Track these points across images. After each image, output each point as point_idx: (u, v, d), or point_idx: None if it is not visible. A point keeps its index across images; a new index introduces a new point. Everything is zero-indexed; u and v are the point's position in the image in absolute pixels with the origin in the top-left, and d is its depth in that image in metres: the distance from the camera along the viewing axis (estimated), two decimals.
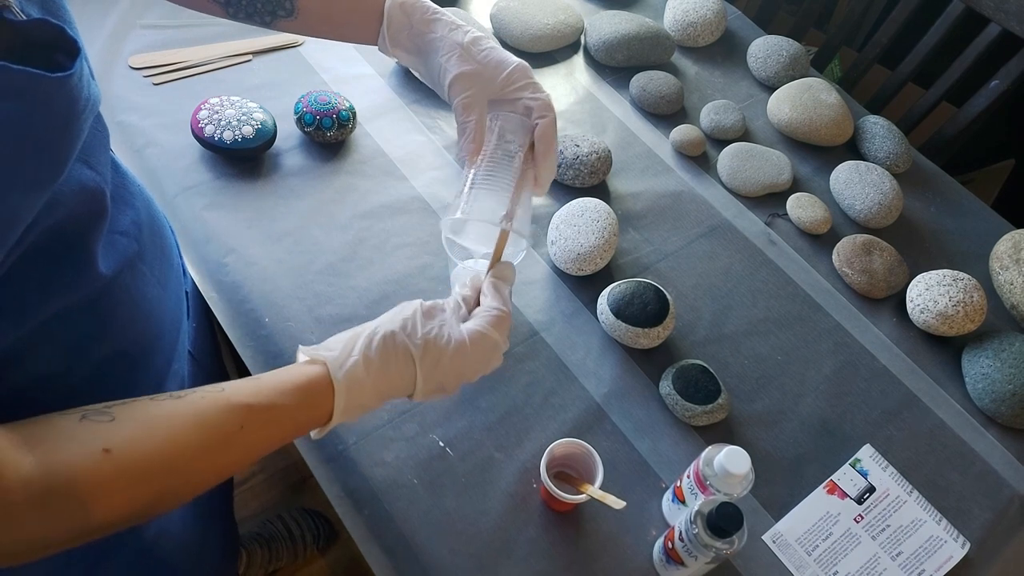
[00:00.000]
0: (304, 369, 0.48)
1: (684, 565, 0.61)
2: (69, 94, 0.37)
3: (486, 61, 0.59)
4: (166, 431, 0.42)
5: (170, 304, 0.59)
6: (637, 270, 0.87)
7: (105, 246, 0.47)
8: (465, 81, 0.58)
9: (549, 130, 0.59)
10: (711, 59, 1.15)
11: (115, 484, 0.39)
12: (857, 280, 0.90)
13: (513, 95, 0.59)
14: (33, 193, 0.36)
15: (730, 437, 0.76)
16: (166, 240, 0.61)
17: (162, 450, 0.41)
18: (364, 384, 0.48)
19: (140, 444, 0.40)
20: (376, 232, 0.84)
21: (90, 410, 0.41)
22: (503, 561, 0.65)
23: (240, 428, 0.44)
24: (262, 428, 0.45)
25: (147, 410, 0.42)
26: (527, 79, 0.59)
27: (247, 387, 0.46)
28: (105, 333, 0.49)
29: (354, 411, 0.49)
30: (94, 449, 0.39)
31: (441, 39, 0.59)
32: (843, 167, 1.00)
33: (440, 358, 0.51)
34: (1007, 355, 0.82)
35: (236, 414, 0.44)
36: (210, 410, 0.43)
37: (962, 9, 1.13)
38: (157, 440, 0.41)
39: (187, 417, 0.43)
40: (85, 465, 0.38)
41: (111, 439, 0.39)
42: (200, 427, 0.43)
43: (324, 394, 0.47)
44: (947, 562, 0.71)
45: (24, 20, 0.35)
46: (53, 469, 0.37)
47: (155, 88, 0.93)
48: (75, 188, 0.41)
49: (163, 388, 0.59)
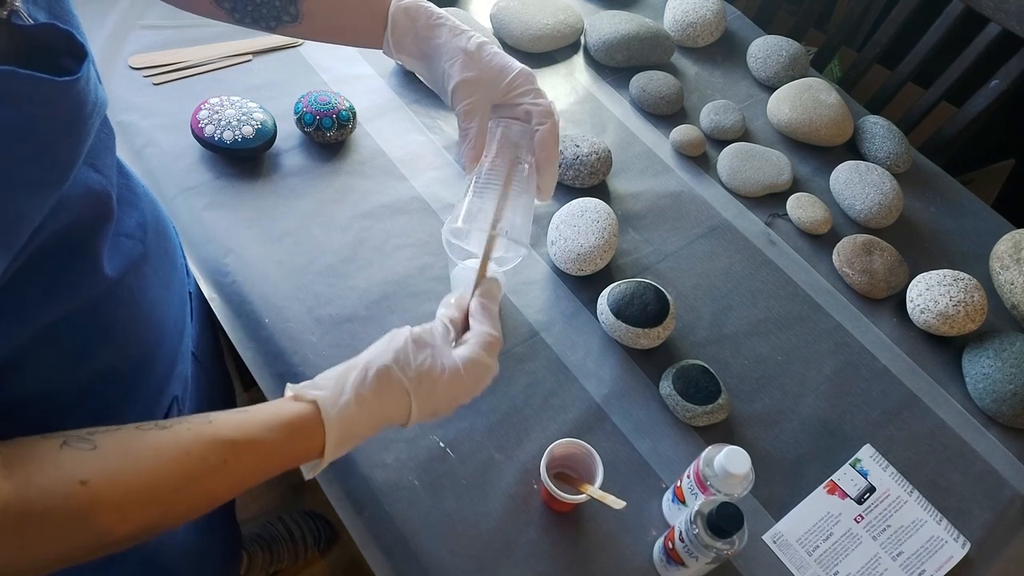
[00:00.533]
0: (293, 405, 0.47)
1: (684, 565, 0.61)
2: (76, 98, 0.37)
3: (489, 67, 0.58)
4: (147, 463, 0.41)
5: (173, 305, 0.59)
6: (637, 270, 0.87)
7: (111, 249, 0.47)
8: (468, 87, 0.58)
9: (549, 136, 0.58)
10: (711, 59, 1.15)
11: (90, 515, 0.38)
12: (857, 280, 0.90)
13: (515, 100, 0.59)
14: (40, 196, 0.36)
15: (730, 437, 0.76)
16: (170, 241, 0.61)
17: (141, 483, 0.40)
18: (358, 420, 0.48)
19: (119, 476, 0.40)
20: (376, 232, 0.84)
21: (72, 436, 0.40)
22: (503, 562, 0.65)
23: (224, 463, 0.43)
24: (246, 463, 0.44)
25: (130, 441, 0.42)
26: (529, 85, 0.59)
27: (233, 420, 0.45)
28: (108, 335, 0.49)
29: (346, 445, 0.48)
30: (71, 479, 0.38)
31: (445, 44, 0.59)
32: (843, 167, 1.00)
33: (434, 388, 0.50)
34: (1008, 355, 0.82)
35: (220, 449, 0.43)
36: (194, 444, 0.43)
37: (962, 9, 1.13)
38: (138, 472, 0.40)
39: (170, 450, 0.42)
40: (61, 493, 0.38)
41: (89, 470, 0.39)
42: (182, 461, 0.42)
43: (314, 430, 0.46)
44: (947, 562, 0.71)
45: (31, 24, 0.35)
46: (29, 496, 0.37)
47: (155, 88, 0.93)
48: (81, 191, 0.41)
49: (167, 390, 0.59)
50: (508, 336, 0.79)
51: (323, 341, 0.75)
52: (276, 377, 0.72)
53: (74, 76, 0.36)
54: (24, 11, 0.35)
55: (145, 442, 0.42)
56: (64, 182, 0.38)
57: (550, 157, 0.59)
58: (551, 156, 0.59)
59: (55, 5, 0.39)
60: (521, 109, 0.59)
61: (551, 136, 0.58)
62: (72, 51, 0.37)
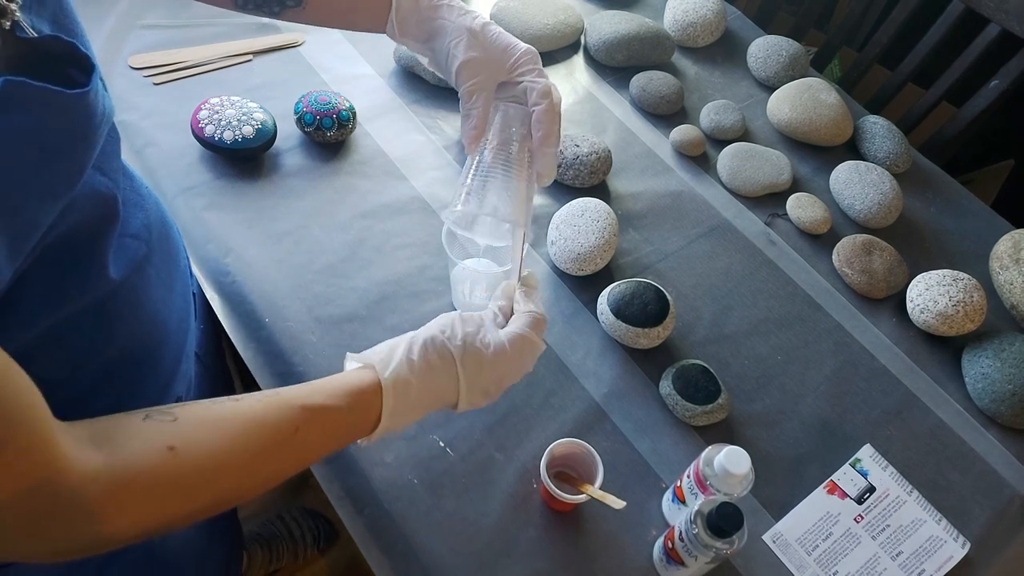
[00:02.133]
0: (353, 374, 0.49)
1: (684, 565, 0.61)
2: (86, 109, 0.37)
3: (494, 46, 0.59)
4: (226, 432, 0.43)
5: (176, 305, 0.59)
6: (637, 270, 0.87)
7: (116, 250, 0.47)
8: (472, 67, 0.58)
9: (546, 116, 0.58)
10: (711, 59, 1.15)
11: (179, 482, 0.40)
12: (857, 280, 0.90)
13: (517, 79, 0.59)
14: (50, 203, 0.37)
15: (730, 437, 0.76)
16: (174, 242, 0.61)
17: (223, 450, 0.42)
18: (410, 385, 0.49)
19: (202, 444, 0.42)
20: (376, 232, 0.84)
21: (153, 411, 0.42)
22: (503, 561, 0.65)
23: (296, 430, 0.45)
24: (315, 430, 0.46)
25: (208, 411, 0.44)
26: (532, 64, 0.59)
27: (301, 390, 0.47)
28: (111, 335, 0.49)
29: (401, 416, 0.50)
30: (159, 447, 0.40)
31: (449, 24, 0.59)
32: (843, 167, 1.00)
33: (482, 361, 0.52)
34: (1007, 355, 0.82)
35: (292, 415, 0.45)
36: (268, 412, 0.45)
37: (962, 9, 1.13)
38: (218, 440, 0.42)
39: (246, 419, 0.44)
40: (151, 462, 0.39)
41: (175, 438, 0.41)
42: (259, 428, 0.44)
43: (373, 397, 0.48)
44: (947, 562, 0.71)
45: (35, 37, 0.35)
46: (120, 465, 0.38)
47: (155, 88, 0.93)
48: (88, 194, 0.41)
49: (171, 390, 0.59)
50: None
51: (323, 341, 0.75)
52: (276, 377, 0.72)
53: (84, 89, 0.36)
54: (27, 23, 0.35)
55: (224, 410, 0.44)
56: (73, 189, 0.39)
57: (547, 137, 0.58)
58: (548, 136, 0.58)
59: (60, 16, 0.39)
60: (521, 87, 0.59)
61: (547, 116, 0.58)
62: (78, 62, 0.38)
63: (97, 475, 0.37)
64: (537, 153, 0.59)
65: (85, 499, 0.36)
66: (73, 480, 0.36)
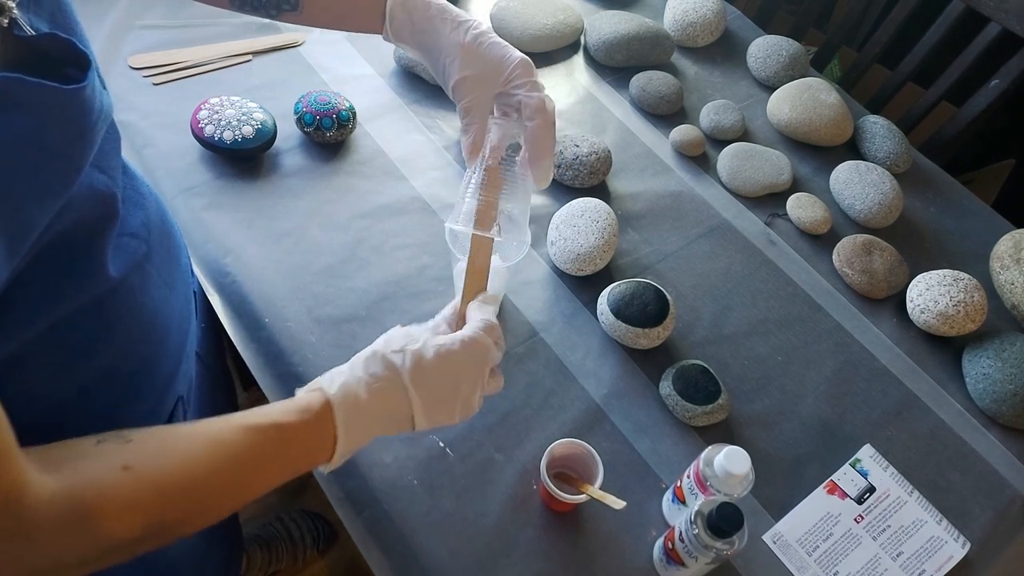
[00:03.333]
0: (303, 395, 0.50)
1: (684, 565, 0.61)
2: (82, 106, 0.37)
3: (488, 59, 0.59)
4: (182, 450, 0.43)
5: (177, 305, 0.59)
6: (637, 270, 0.87)
7: (115, 248, 0.47)
8: (467, 84, 0.59)
9: (540, 131, 0.58)
10: (711, 59, 1.15)
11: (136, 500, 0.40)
12: (857, 280, 0.90)
13: (512, 91, 0.59)
14: (48, 201, 0.37)
15: (730, 437, 0.75)
16: (174, 241, 0.61)
17: (179, 467, 0.42)
18: (358, 398, 0.49)
19: (158, 461, 0.42)
20: (375, 233, 0.84)
21: (106, 435, 0.42)
22: (503, 561, 0.65)
23: (250, 446, 0.45)
24: (271, 446, 0.46)
25: (162, 433, 0.44)
26: (527, 77, 0.59)
27: (253, 411, 0.48)
28: (111, 334, 0.49)
29: (356, 431, 0.50)
30: (114, 466, 0.40)
31: (443, 40, 0.59)
32: (843, 167, 1.00)
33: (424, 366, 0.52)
34: (1008, 355, 0.82)
35: (245, 434, 0.45)
36: (222, 431, 0.45)
37: (962, 9, 1.13)
38: (174, 458, 0.42)
39: (200, 438, 0.44)
40: (106, 481, 0.39)
41: (130, 457, 0.40)
42: (213, 446, 0.44)
43: (325, 412, 0.49)
44: (947, 562, 0.71)
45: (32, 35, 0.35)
46: (76, 488, 0.38)
47: (155, 88, 0.93)
48: (86, 193, 0.41)
49: (171, 389, 0.59)
50: (508, 336, 0.79)
51: (323, 341, 0.75)
52: (276, 377, 0.72)
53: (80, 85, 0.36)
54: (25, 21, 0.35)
55: (178, 433, 0.44)
56: (71, 187, 0.38)
57: (542, 151, 0.59)
58: (543, 150, 0.59)
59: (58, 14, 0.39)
60: (515, 100, 0.60)
61: (541, 131, 0.58)
62: (76, 60, 0.38)
63: (52, 497, 0.36)
64: (533, 165, 0.60)
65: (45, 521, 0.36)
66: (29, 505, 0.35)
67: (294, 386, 0.71)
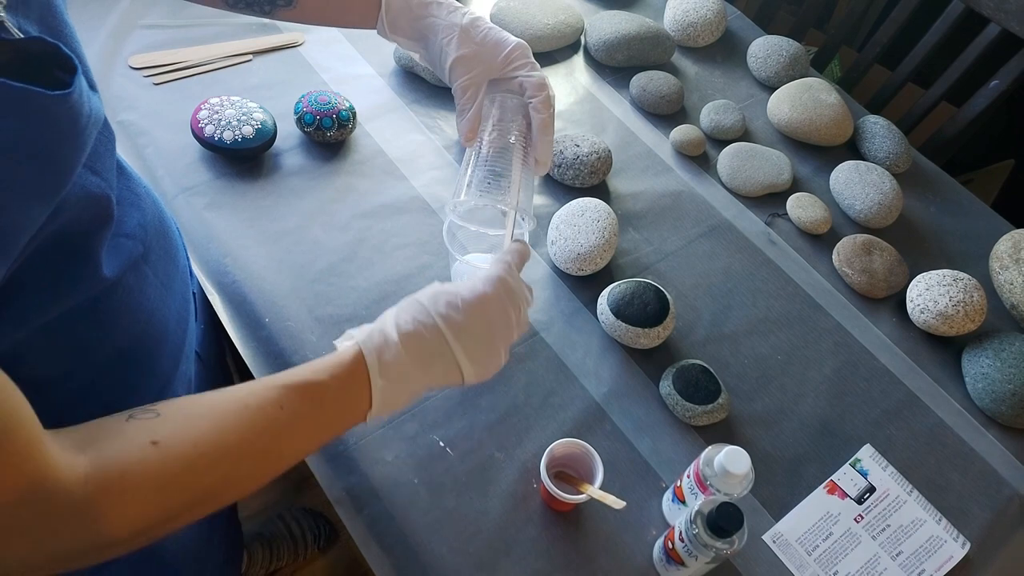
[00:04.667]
0: (336, 353, 0.48)
1: (684, 565, 0.61)
2: (70, 110, 0.37)
3: (485, 42, 0.59)
4: (209, 419, 0.43)
5: (174, 305, 0.59)
6: (637, 270, 0.87)
7: (110, 249, 0.47)
8: (465, 64, 0.59)
9: (543, 106, 0.59)
10: (711, 59, 1.15)
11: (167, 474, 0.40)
12: (857, 280, 0.90)
13: (511, 74, 0.60)
14: (38, 206, 0.37)
15: (730, 437, 0.76)
16: (172, 242, 0.61)
17: (208, 437, 0.42)
18: (395, 349, 0.48)
19: (187, 433, 0.41)
20: (376, 232, 0.84)
21: (136, 410, 0.42)
22: (503, 560, 0.65)
23: (280, 407, 0.44)
24: (302, 405, 0.45)
25: (190, 403, 0.44)
26: (525, 59, 0.60)
27: (284, 372, 0.47)
28: (106, 334, 0.49)
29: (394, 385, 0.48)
30: (142, 442, 0.40)
31: (440, 22, 0.60)
32: (843, 167, 1.00)
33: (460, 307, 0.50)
34: (1007, 355, 0.82)
35: (275, 394, 0.45)
36: (251, 394, 0.44)
37: (962, 9, 1.13)
38: (203, 428, 0.42)
39: (229, 403, 0.44)
40: (136, 457, 0.39)
41: (158, 432, 0.40)
42: (242, 410, 0.43)
43: (357, 367, 0.47)
44: (947, 562, 0.71)
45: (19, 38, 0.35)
46: (106, 465, 0.38)
47: (155, 88, 0.93)
48: (80, 195, 0.41)
49: (169, 389, 0.59)
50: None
51: (323, 341, 0.75)
52: None
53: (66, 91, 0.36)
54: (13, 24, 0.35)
55: (205, 401, 0.44)
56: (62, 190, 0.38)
57: (546, 129, 0.60)
58: (547, 128, 0.60)
59: (48, 17, 0.39)
60: (516, 82, 0.60)
61: (544, 106, 0.59)
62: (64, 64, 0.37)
63: (86, 477, 0.37)
64: (537, 142, 0.60)
65: (77, 502, 0.36)
66: (63, 485, 0.36)
67: None
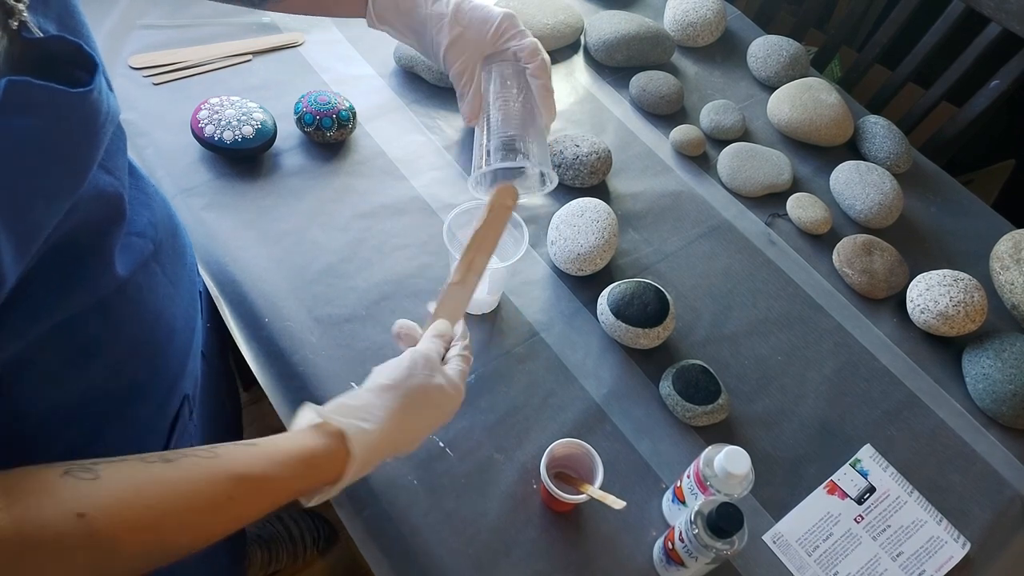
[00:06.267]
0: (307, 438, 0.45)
1: (684, 566, 0.61)
2: (90, 108, 0.37)
3: (473, 20, 0.61)
4: (152, 498, 0.39)
5: (183, 303, 0.59)
6: (637, 270, 0.87)
7: (122, 248, 0.47)
8: (457, 48, 0.61)
9: (540, 70, 0.62)
10: (711, 59, 1.15)
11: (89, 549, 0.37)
12: (857, 280, 0.90)
13: (503, 46, 0.62)
14: (56, 203, 0.37)
15: (730, 437, 0.75)
16: (180, 240, 0.61)
17: (143, 519, 0.39)
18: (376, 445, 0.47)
19: (121, 510, 0.38)
20: (376, 232, 0.84)
21: (76, 465, 0.39)
22: (503, 561, 0.65)
23: (229, 499, 0.42)
24: (253, 499, 0.43)
25: (134, 473, 0.40)
26: (514, 28, 0.62)
27: (243, 455, 0.43)
28: (118, 333, 0.49)
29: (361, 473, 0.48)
30: (68, 512, 0.37)
31: (428, 15, 0.62)
32: (843, 167, 1.00)
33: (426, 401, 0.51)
34: (1008, 355, 0.82)
35: (227, 487, 0.42)
36: (201, 480, 0.41)
37: (962, 9, 1.13)
38: (141, 507, 0.39)
39: (175, 485, 0.40)
40: (58, 528, 0.36)
41: (88, 502, 0.37)
42: (188, 497, 0.41)
43: (326, 462, 0.45)
44: (947, 562, 0.71)
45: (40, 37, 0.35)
46: (26, 529, 0.35)
47: (155, 88, 0.93)
48: (93, 193, 0.41)
49: (178, 388, 0.59)
50: (508, 336, 0.79)
51: (323, 341, 0.75)
52: (277, 377, 0.72)
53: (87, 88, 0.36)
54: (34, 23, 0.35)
55: (150, 475, 0.40)
56: (79, 188, 0.38)
57: (546, 87, 0.63)
58: (547, 86, 0.63)
59: (66, 16, 0.39)
60: (509, 52, 0.63)
61: (542, 69, 0.62)
62: (83, 63, 0.38)
63: (4, 538, 0.35)
64: (540, 101, 0.63)
65: None
66: None
67: (294, 385, 0.71)
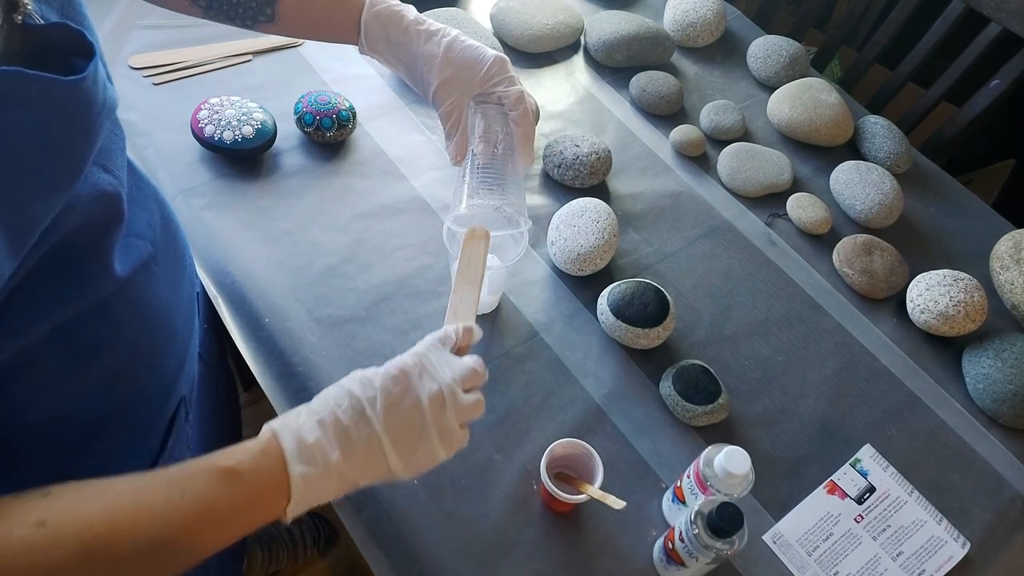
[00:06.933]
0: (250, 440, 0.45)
1: (684, 566, 0.61)
2: (84, 97, 0.37)
3: (464, 62, 0.61)
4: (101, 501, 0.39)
5: (182, 305, 0.59)
6: (637, 270, 0.87)
7: (121, 249, 0.47)
8: (446, 89, 0.61)
9: (522, 118, 0.63)
10: (711, 59, 1.15)
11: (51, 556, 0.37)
12: (857, 280, 0.90)
13: (491, 89, 0.63)
14: (52, 196, 0.37)
15: (730, 437, 0.75)
16: (179, 241, 0.61)
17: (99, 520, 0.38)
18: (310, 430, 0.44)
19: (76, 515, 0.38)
20: (376, 233, 0.84)
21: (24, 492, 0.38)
22: (503, 561, 0.65)
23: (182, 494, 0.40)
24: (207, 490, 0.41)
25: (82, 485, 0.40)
26: (504, 74, 0.63)
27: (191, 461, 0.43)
28: (118, 334, 0.49)
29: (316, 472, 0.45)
30: (28, 521, 0.36)
31: (419, 53, 0.62)
32: (843, 167, 1.00)
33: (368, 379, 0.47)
34: (1008, 355, 0.82)
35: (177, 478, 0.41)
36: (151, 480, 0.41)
37: (962, 9, 1.13)
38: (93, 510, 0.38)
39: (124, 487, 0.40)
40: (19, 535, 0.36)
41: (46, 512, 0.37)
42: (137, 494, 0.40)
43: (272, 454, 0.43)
44: (947, 562, 0.71)
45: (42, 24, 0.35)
46: None
47: (155, 88, 0.93)
48: (92, 192, 0.41)
49: (175, 389, 0.59)
50: (508, 336, 0.79)
51: (323, 341, 0.75)
52: (276, 377, 0.72)
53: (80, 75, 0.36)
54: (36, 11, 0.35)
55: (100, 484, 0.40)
56: (74, 183, 0.38)
57: (527, 135, 0.64)
58: (528, 135, 0.64)
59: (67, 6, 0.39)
60: (495, 96, 0.63)
61: (524, 118, 0.63)
62: (82, 51, 0.37)
63: None
64: (519, 149, 0.64)
65: None
66: None
67: (294, 386, 0.71)
